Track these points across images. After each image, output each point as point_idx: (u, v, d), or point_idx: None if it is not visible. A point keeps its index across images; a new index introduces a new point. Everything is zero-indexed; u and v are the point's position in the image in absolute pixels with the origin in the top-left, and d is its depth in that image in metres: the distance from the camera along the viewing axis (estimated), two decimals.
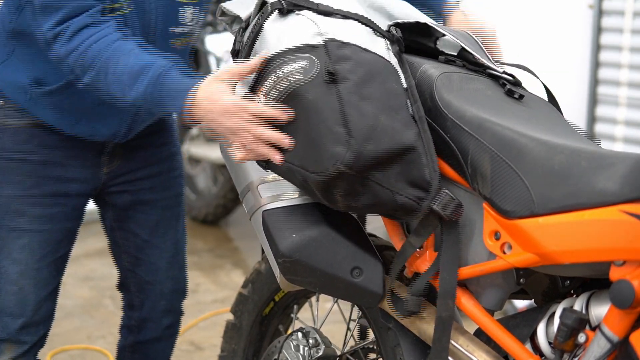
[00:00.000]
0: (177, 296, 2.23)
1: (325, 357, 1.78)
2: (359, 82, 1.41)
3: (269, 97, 1.47)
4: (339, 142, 1.37)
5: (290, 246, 1.54)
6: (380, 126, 1.37)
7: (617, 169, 1.28)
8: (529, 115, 1.49)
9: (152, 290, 2.19)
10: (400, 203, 1.41)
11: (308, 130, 1.40)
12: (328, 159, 1.37)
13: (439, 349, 1.44)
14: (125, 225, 2.14)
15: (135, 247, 2.15)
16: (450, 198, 1.41)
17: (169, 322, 2.25)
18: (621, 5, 4.12)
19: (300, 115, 1.41)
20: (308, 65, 1.43)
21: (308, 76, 1.42)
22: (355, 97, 1.39)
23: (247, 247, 4.52)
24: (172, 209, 2.16)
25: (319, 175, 1.39)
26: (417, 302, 1.49)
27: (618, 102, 4.20)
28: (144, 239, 2.14)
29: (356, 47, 1.45)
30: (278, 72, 1.46)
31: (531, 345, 1.45)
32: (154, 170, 2.11)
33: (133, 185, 2.09)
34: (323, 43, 1.45)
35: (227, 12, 1.68)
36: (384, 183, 1.39)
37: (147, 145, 2.09)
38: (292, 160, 1.44)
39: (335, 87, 1.40)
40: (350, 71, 1.41)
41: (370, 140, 1.36)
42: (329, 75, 1.40)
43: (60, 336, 3.35)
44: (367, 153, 1.36)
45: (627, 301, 1.24)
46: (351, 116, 1.38)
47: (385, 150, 1.37)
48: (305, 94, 1.41)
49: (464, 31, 1.66)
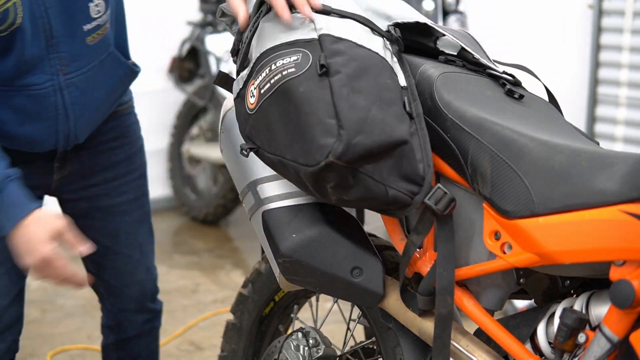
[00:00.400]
0: (145, 298, 2.21)
1: (325, 357, 1.78)
2: (351, 76, 1.41)
3: (261, 90, 1.47)
4: (329, 134, 1.36)
5: (290, 246, 1.54)
6: (371, 118, 1.37)
7: (617, 169, 1.28)
8: (529, 115, 1.49)
9: (119, 293, 2.17)
10: (392, 197, 1.41)
11: (299, 123, 1.40)
12: (319, 151, 1.37)
13: (440, 346, 1.44)
14: (85, 233, 2.06)
15: (98, 254, 2.08)
16: (443, 192, 1.40)
17: (144, 319, 2.23)
18: (621, 5, 4.12)
19: (292, 108, 1.41)
20: (301, 58, 1.43)
21: (301, 70, 1.42)
22: (346, 90, 1.39)
23: (247, 247, 4.53)
24: (132, 214, 2.11)
25: (310, 167, 1.39)
26: (429, 300, 1.49)
27: (618, 102, 4.20)
28: (106, 245, 2.10)
29: (350, 42, 1.45)
30: (271, 65, 1.46)
31: (531, 345, 1.45)
32: (109, 175, 2.06)
33: (87, 192, 2.05)
34: (317, 38, 1.46)
35: (227, 13, 1.68)
36: (375, 176, 1.39)
37: (100, 149, 2.03)
38: (285, 154, 1.44)
39: (327, 79, 1.40)
40: (343, 65, 1.41)
41: (361, 132, 1.36)
42: (321, 67, 1.40)
43: (60, 336, 3.35)
44: (357, 145, 1.36)
45: (627, 301, 1.24)
46: (342, 108, 1.37)
47: (376, 143, 1.37)
48: (297, 87, 1.41)
49: (464, 31, 1.66)
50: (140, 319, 2.23)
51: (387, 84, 1.43)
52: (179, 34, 4.93)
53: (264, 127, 1.48)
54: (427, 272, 1.49)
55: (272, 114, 1.45)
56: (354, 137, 1.36)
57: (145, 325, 2.24)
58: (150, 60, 4.90)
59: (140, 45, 4.77)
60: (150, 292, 2.22)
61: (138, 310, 2.21)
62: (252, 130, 1.51)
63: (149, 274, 2.21)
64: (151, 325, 2.26)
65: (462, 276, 1.46)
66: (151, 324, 2.26)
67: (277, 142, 1.45)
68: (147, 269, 2.20)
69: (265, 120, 1.47)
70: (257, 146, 1.51)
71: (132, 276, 2.16)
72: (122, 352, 2.28)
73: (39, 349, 3.24)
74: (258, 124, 1.49)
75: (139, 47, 5.02)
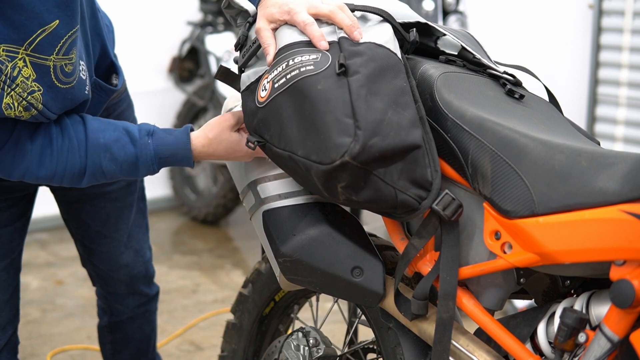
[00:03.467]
0: (136, 281, 2.23)
1: (325, 357, 1.78)
2: (370, 76, 1.41)
3: (275, 84, 1.46)
4: (346, 133, 1.36)
5: (291, 246, 1.54)
6: (387, 121, 1.37)
7: (618, 168, 1.28)
8: (529, 115, 1.49)
9: (108, 277, 2.20)
10: (401, 200, 1.41)
11: (314, 120, 1.39)
12: (334, 149, 1.36)
13: (440, 350, 1.44)
14: (76, 216, 2.13)
15: (88, 238, 2.14)
16: (451, 199, 1.41)
17: (137, 302, 2.25)
18: (621, 5, 4.12)
19: (307, 105, 1.41)
20: (321, 57, 1.43)
21: (320, 68, 1.42)
22: (364, 90, 1.39)
23: (247, 247, 4.52)
24: (123, 200, 2.14)
25: (323, 165, 1.38)
26: (423, 305, 1.49)
27: (618, 102, 4.20)
28: (96, 229, 2.13)
29: (371, 43, 1.46)
30: (289, 60, 1.46)
31: (531, 345, 1.45)
32: None
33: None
34: (337, 40, 1.46)
35: (233, 5, 1.66)
36: (386, 179, 1.39)
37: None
38: (296, 149, 1.43)
39: (345, 79, 1.40)
40: (362, 65, 1.41)
41: (377, 134, 1.36)
42: (340, 67, 1.40)
43: (60, 336, 3.35)
44: (373, 146, 1.36)
45: (628, 301, 1.24)
46: (360, 108, 1.37)
47: (390, 146, 1.37)
48: (315, 84, 1.41)
49: (464, 31, 1.66)
50: (132, 303, 2.25)
51: (403, 87, 1.43)
52: (179, 34, 4.93)
53: (275, 121, 1.47)
54: (427, 272, 1.49)
55: (285, 109, 1.45)
56: (370, 138, 1.35)
57: (138, 309, 2.26)
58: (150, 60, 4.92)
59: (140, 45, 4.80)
60: (142, 274, 2.23)
61: (129, 294, 2.23)
62: (261, 123, 1.51)
63: (138, 256, 2.22)
64: (144, 309, 2.28)
65: (463, 276, 1.46)
66: (144, 307, 2.28)
67: (288, 137, 1.44)
68: (135, 252, 2.20)
69: (276, 115, 1.46)
70: (264, 140, 1.51)
71: (119, 260, 2.18)
72: (116, 334, 2.32)
73: (39, 349, 3.24)
74: (268, 117, 1.48)
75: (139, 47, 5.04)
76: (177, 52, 4.90)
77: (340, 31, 1.47)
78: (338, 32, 1.47)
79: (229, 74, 1.69)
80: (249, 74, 1.57)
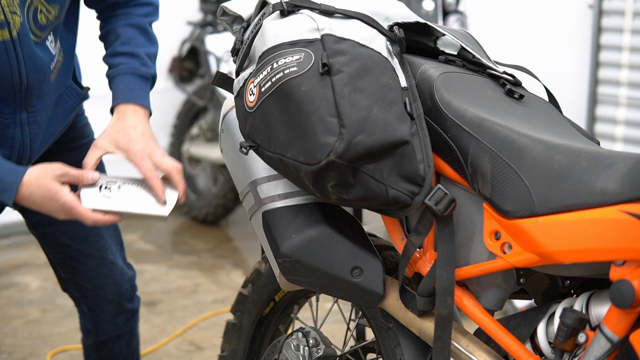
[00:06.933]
0: (123, 298, 2.19)
1: (325, 357, 1.78)
2: (353, 75, 1.41)
3: (261, 88, 1.47)
4: (331, 133, 1.36)
5: (291, 246, 1.54)
6: (372, 118, 1.37)
7: (618, 168, 1.28)
8: (529, 115, 1.49)
9: (95, 297, 2.15)
10: (393, 196, 1.41)
11: (300, 121, 1.40)
12: (319, 149, 1.37)
13: (441, 347, 1.44)
14: (53, 240, 2.07)
15: (69, 257, 2.07)
16: (443, 193, 1.41)
17: (124, 320, 2.22)
18: (621, 5, 4.13)
19: (292, 107, 1.41)
20: (304, 58, 1.43)
21: (303, 69, 1.42)
22: (348, 89, 1.39)
23: (247, 247, 4.53)
24: None
25: (310, 165, 1.38)
26: (429, 301, 1.49)
27: (618, 102, 4.21)
28: (76, 248, 2.08)
29: (353, 42, 1.45)
30: (273, 64, 1.46)
31: (531, 345, 1.45)
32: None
33: None
34: (320, 38, 1.46)
35: (228, 12, 1.68)
36: (376, 175, 1.39)
37: (56, 151, 2.00)
38: (285, 152, 1.43)
39: (329, 78, 1.40)
40: (345, 64, 1.41)
41: (363, 131, 1.36)
42: (323, 66, 1.40)
43: (60, 336, 3.35)
44: (358, 144, 1.36)
45: (627, 301, 1.24)
46: (344, 107, 1.37)
47: (377, 142, 1.37)
48: (299, 86, 1.41)
49: (464, 31, 1.66)
50: (120, 321, 2.21)
51: (389, 84, 1.43)
52: (179, 34, 4.93)
53: (263, 126, 1.48)
54: (427, 272, 1.49)
55: (272, 113, 1.45)
56: (355, 136, 1.36)
57: (125, 326, 2.23)
58: None
59: None
60: (127, 292, 2.20)
61: (117, 313, 2.19)
62: (252, 128, 1.51)
63: (124, 274, 2.18)
64: (130, 325, 2.25)
65: (462, 276, 1.46)
66: (130, 324, 2.25)
67: (277, 141, 1.45)
68: (120, 269, 2.17)
69: (265, 119, 1.47)
70: (257, 144, 1.51)
71: (107, 278, 2.14)
72: (103, 352, 2.26)
73: (39, 349, 3.24)
74: (258, 122, 1.49)
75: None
76: (177, 52, 4.90)
77: (323, 29, 1.47)
78: (321, 30, 1.47)
79: (225, 79, 1.70)
80: (239, 79, 1.58)
